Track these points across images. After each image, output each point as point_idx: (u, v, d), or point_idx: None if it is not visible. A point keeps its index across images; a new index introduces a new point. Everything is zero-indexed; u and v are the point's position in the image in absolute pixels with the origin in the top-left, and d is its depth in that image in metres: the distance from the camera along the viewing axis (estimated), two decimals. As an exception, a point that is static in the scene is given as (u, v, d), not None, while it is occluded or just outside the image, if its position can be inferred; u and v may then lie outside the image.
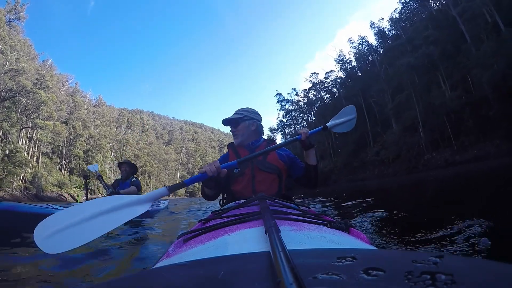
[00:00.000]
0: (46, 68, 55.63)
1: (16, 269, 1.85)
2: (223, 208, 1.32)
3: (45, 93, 42.75)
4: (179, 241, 0.82)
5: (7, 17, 47.60)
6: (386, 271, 0.32)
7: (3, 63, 40.54)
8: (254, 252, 0.47)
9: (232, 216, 0.91)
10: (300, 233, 0.65)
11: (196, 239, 0.76)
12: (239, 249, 0.54)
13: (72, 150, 52.50)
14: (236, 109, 2.06)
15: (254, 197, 1.07)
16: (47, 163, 46.65)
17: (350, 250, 0.40)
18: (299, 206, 1.20)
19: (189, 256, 0.60)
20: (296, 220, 0.79)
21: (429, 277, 0.29)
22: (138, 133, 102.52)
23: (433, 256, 0.34)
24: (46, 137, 45.05)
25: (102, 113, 72.55)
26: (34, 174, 40.42)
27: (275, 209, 0.90)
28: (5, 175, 35.15)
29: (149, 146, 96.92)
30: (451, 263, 0.33)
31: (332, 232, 0.71)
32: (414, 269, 0.31)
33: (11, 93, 39.71)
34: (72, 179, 48.88)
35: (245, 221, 0.78)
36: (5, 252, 2.52)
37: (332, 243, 0.60)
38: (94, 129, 61.35)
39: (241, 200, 1.61)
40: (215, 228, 0.79)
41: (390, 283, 0.30)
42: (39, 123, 43.07)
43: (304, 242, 0.58)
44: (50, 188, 41.80)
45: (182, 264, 0.44)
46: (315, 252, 0.45)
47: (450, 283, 0.28)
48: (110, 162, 65.12)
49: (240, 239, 0.63)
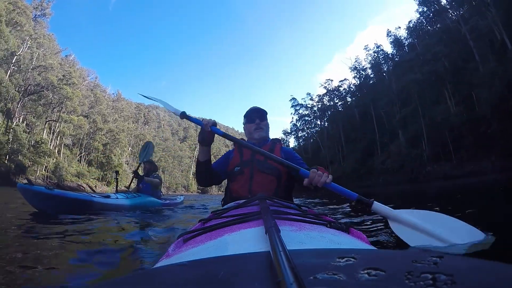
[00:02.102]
0: (69, 63, 57.69)
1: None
2: (223, 208, 1.30)
3: (71, 89, 44.95)
4: (179, 241, 0.82)
5: (34, 13, 50.08)
6: (386, 271, 0.32)
7: (31, 58, 42.84)
8: (254, 252, 0.47)
9: (232, 216, 0.92)
10: (300, 233, 0.65)
11: (196, 239, 0.76)
12: (239, 249, 0.54)
13: (92, 143, 54.14)
14: (252, 106, 2.11)
15: (254, 197, 1.08)
16: (67, 154, 48.32)
17: (350, 250, 0.41)
18: (299, 206, 1.21)
19: (189, 256, 0.60)
20: (296, 220, 0.79)
21: (429, 277, 0.29)
22: (154, 128, 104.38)
23: (433, 256, 0.34)
24: (69, 130, 47.21)
25: (121, 108, 74.17)
26: (56, 164, 42.41)
27: (275, 209, 0.91)
28: (30, 164, 37.45)
29: (164, 142, 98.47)
30: (451, 263, 0.33)
31: (332, 232, 0.72)
32: (414, 269, 0.31)
33: (38, 87, 41.98)
34: (90, 171, 50.68)
35: (245, 221, 0.78)
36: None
37: (332, 243, 0.61)
38: (113, 123, 62.65)
39: (238, 198, 1.69)
40: (215, 228, 0.79)
41: (390, 283, 0.30)
42: (64, 117, 45.40)
43: (304, 242, 0.59)
44: (70, 178, 43.40)
45: (182, 264, 0.44)
46: (315, 252, 0.45)
47: (450, 283, 0.28)
48: (127, 156, 67.01)
49: (240, 239, 0.64)
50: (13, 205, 5.81)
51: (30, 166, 37.37)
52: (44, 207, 4.31)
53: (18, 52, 40.66)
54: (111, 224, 3.77)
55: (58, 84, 43.29)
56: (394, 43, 46.03)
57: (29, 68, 41.76)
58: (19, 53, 40.86)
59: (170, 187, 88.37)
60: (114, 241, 2.68)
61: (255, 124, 1.98)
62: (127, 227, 3.60)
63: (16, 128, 37.19)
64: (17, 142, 35.81)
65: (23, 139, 36.51)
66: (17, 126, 37.93)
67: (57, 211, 4.21)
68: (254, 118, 2.00)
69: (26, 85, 40.85)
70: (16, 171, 35.11)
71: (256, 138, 1.99)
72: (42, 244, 2.36)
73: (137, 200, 5.99)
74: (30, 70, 41.71)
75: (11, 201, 6.88)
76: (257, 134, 1.97)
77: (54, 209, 4.26)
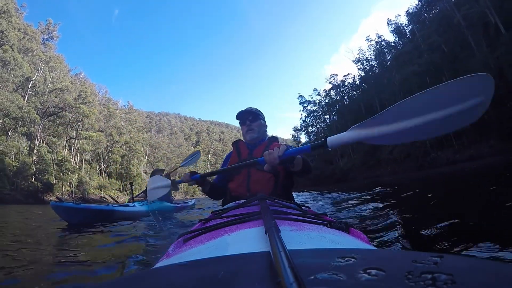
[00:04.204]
0: (79, 81, 59.64)
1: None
2: (223, 208, 1.27)
3: (87, 107, 47.21)
4: (179, 241, 0.82)
5: (42, 37, 52.92)
6: (386, 271, 0.32)
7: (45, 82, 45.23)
8: (254, 252, 0.47)
9: (232, 216, 0.91)
10: (300, 233, 0.65)
11: (196, 239, 0.76)
12: (239, 249, 0.54)
13: (110, 156, 55.80)
14: (248, 107, 2.06)
15: (254, 197, 1.07)
16: (88, 169, 49.77)
17: (350, 250, 0.40)
18: (299, 206, 1.20)
19: (189, 256, 0.60)
20: (296, 220, 0.78)
21: (429, 277, 0.29)
22: (167, 136, 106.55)
23: (433, 256, 0.34)
24: (88, 146, 49.31)
25: (134, 120, 75.26)
26: (79, 179, 44.32)
27: (275, 209, 0.90)
28: (56, 182, 39.56)
29: (178, 148, 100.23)
30: (451, 263, 0.33)
31: (332, 232, 0.71)
32: (414, 269, 0.31)
33: (56, 109, 44.35)
34: (111, 182, 52.50)
35: (245, 221, 0.78)
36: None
37: (332, 243, 0.60)
38: (128, 134, 63.94)
39: (237, 197, 1.70)
40: (215, 228, 0.78)
41: (390, 283, 0.29)
42: (83, 134, 47.66)
43: (304, 242, 0.58)
44: (93, 191, 45.13)
45: (182, 264, 0.44)
46: (315, 252, 0.45)
47: (450, 283, 0.27)
48: (144, 165, 68.30)
49: (240, 239, 0.63)
50: (47, 219, 6.51)
51: (56, 184, 39.41)
52: (73, 220, 4.87)
53: (32, 77, 43.00)
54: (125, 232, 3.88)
55: (75, 104, 45.60)
56: (395, 32, 46.21)
57: (45, 92, 44.10)
58: (34, 78, 43.22)
59: (188, 192, 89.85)
60: (114, 242, 2.81)
61: (246, 126, 1.96)
62: (137, 233, 3.61)
63: (40, 149, 39.46)
64: (43, 162, 37.92)
65: (48, 159, 38.69)
66: (41, 147, 40.16)
67: (84, 222, 4.75)
68: (245, 120, 1.98)
69: (44, 108, 43.12)
70: (43, 189, 36.98)
71: (248, 140, 1.98)
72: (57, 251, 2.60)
73: (152, 206, 6.52)
74: (47, 94, 44.07)
75: (46, 216, 7.58)
76: (248, 135, 1.95)
77: (82, 220, 4.85)
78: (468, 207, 3.33)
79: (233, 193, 1.78)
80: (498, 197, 3.61)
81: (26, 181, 36.46)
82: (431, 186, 7.92)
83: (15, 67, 40.94)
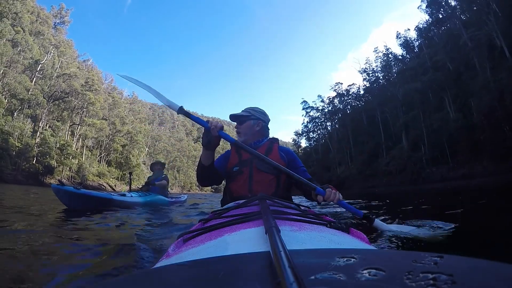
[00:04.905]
0: (87, 67, 59.92)
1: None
2: (223, 208, 1.27)
3: (93, 95, 47.75)
4: (179, 241, 0.82)
5: (53, 21, 53.19)
6: (386, 271, 0.32)
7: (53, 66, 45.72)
8: (254, 252, 0.47)
9: (232, 216, 0.91)
10: (300, 233, 0.65)
11: (196, 239, 0.75)
12: (239, 249, 0.54)
13: (111, 144, 56.14)
14: (245, 108, 2.05)
15: (254, 197, 1.07)
16: (89, 156, 50.30)
17: (350, 250, 0.40)
18: (299, 206, 1.20)
19: (189, 256, 0.59)
20: (296, 220, 0.79)
21: (429, 277, 0.29)
22: (169, 129, 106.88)
23: (433, 256, 0.34)
24: (91, 133, 49.77)
25: (137, 110, 75.29)
26: (79, 165, 44.94)
27: (275, 209, 0.90)
28: (56, 165, 40.13)
29: (179, 142, 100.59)
30: (451, 263, 0.33)
31: (332, 232, 0.71)
32: (414, 269, 0.31)
33: (63, 94, 44.85)
34: (110, 171, 52.96)
35: (245, 221, 0.78)
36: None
37: (332, 243, 0.61)
38: (130, 125, 64.01)
39: (238, 198, 1.67)
40: (215, 228, 0.78)
41: (390, 283, 0.29)
42: (87, 121, 48.14)
43: (304, 242, 0.58)
44: (92, 178, 45.64)
45: (182, 264, 0.44)
46: (315, 252, 0.45)
47: (450, 283, 0.27)
48: (144, 156, 68.63)
49: (240, 239, 0.63)
50: (46, 202, 6.50)
51: (56, 167, 40.05)
52: (72, 204, 4.90)
53: (41, 60, 43.47)
54: (121, 220, 3.91)
55: (81, 90, 46.08)
56: (403, 45, 46.50)
57: (53, 76, 44.61)
58: (43, 61, 43.72)
59: (185, 186, 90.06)
60: (114, 242, 2.64)
61: (236, 129, 1.98)
62: (134, 224, 3.64)
63: (44, 132, 39.99)
64: (46, 145, 38.54)
65: (51, 142, 39.29)
66: (45, 130, 40.72)
67: (82, 208, 4.76)
68: (235, 124, 2.00)
69: (51, 92, 43.60)
70: (44, 172, 37.72)
71: (242, 142, 1.90)
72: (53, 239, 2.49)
73: (148, 198, 6.65)
74: (55, 78, 44.59)
75: (45, 199, 7.67)
76: (239, 138, 1.95)
77: (81, 206, 4.88)
78: (462, 218, 3.56)
79: (235, 194, 1.75)
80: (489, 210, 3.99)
81: (27, 162, 37.04)
82: (427, 199, 8.18)
83: (25, 49, 41.41)
